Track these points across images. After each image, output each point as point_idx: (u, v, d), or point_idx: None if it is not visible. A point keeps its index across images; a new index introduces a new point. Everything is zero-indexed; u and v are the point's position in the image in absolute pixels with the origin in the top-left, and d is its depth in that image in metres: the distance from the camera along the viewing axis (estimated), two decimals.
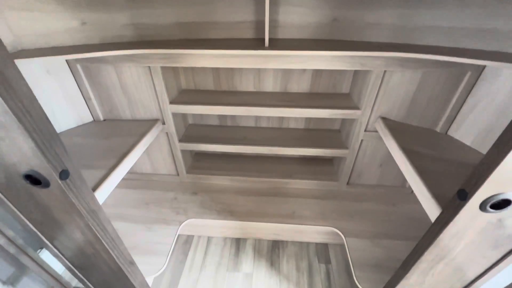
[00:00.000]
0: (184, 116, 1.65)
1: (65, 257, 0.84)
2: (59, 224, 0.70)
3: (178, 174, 1.72)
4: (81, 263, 0.86)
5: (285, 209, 1.54)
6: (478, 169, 0.50)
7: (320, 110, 1.34)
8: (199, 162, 1.81)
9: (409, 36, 1.14)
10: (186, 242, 1.56)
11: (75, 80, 1.32)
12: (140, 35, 1.26)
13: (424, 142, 1.17)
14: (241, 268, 1.41)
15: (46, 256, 1.07)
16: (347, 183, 1.65)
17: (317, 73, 1.44)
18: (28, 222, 0.71)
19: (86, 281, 0.95)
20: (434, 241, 0.62)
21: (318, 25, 1.22)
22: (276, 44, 1.17)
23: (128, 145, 1.22)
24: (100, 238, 0.74)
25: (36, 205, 0.65)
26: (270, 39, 1.15)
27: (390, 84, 1.22)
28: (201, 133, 1.65)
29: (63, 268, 1.37)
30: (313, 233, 1.52)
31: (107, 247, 0.77)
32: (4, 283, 1.15)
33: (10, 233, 0.84)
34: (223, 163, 1.80)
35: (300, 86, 1.50)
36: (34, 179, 0.58)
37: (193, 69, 1.48)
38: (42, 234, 0.75)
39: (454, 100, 1.18)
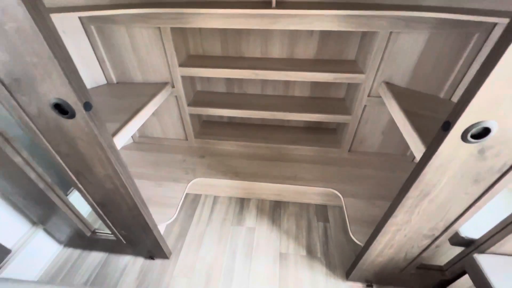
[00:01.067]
0: (192, 81, 1.70)
1: (88, 194, 0.95)
2: (83, 157, 0.79)
3: (186, 139, 1.81)
4: (102, 199, 0.97)
5: (287, 172, 1.61)
6: (460, 100, 0.55)
7: (325, 74, 1.36)
8: (207, 129, 1.89)
9: None
10: (194, 200, 1.67)
11: (90, 42, 1.38)
12: None
13: (426, 106, 1.20)
14: (244, 223, 1.52)
15: (73, 199, 1.20)
16: (349, 150, 1.70)
17: (323, 38, 1.44)
18: (55, 156, 0.80)
19: (106, 218, 1.07)
20: (419, 176, 0.68)
21: None
22: (284, 5, 1.18)
23: (140, 103, 1.30)
24: (119, 173, 0.83)
25: (63, 137, 0.74)
26: (277, 2, 1.17)
27: (396, 47, 1.23)
28: (208, 98, 1.70)
29: (87, 212, 1.51)
30: (313, 194, 1.60)
31: (125, 183, 0.87)
32: (34, 223, 1.29)
33: (39, 170, 0.95)
34: (230, 129, 1.87)
35: (307, 52, 1.51)
36: (61, 109, 0.66)
37: (201, 34, 1.51)
38: (68, 168, 0.84)
39: (459, 65, 1.19)
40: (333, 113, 1.54)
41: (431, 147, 0.63)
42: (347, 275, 1.24)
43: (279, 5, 1.17)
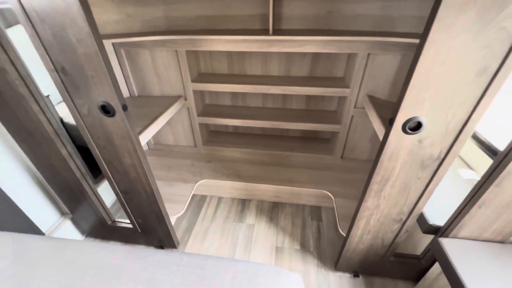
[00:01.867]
0: (202, 95, 1.96)
1: (115, 182, 1.16)
2: (116, 149, 1.01)
3: (195, 146, 2.03)
4: (126, 187, 1.17)
5: (285, 176, 1.79)
6: (397, 100, 0.74)
7: (316, 88, 1.58)
8: (214, 137, 2.11)
9: (389, 24, 1.36)
10: (200, 201, 1.86)
11: (118, 62, 1.66)
12: (170, 26, 1.58)
13: None
14: (245, 220, 1.68)
15: (100, 189, 1.41)
16: (341, 157, 1.87)
17: (315, 58, 1.68)
18: (94, 147, 1.03)
19: (126, 205, 1.26)
20: (377, 163, 0.86)
21: (316, 17, 1.47)
22: (279, 32, 1.43)
23: (157, 112, 1.54)
24: (142, 162, 1.04)
25: (103, 132, 0.97)
26: (274, 29, 1.43)
27: (374, 65, 1.45)
28: (216, 110, 1.94)
29: (110, 203, 1.71)
30: (308, 196, 1.76)
31: (146, 172, 1.08)
32: (62, 214, 1.50)
33: (78, 161, 1.17)
34: (234, 138, 2.09)
35: (301, 70, 1.75)
36: (106, 110, 0.89)
37: (210, 55, 1.78)
38: (103, 158, 1.06)
39: None
40: (325, 123, 1.74)
41: (384, 139, 0.82)
42: (336, 265, 1.36)
43: (275, 32, 1.42)
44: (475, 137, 1.27)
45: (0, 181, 1.12)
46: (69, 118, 1.20)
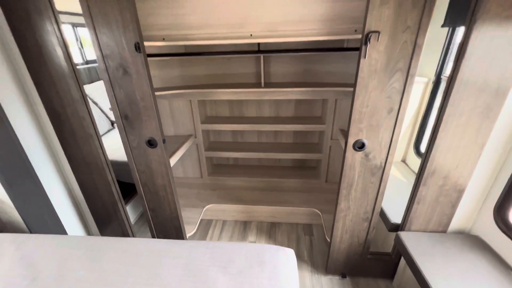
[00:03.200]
0: (208, 134, 2.37)
1: (146, 200, 1.46)
2: (152, 172, 1.36)
3: (201, 177, 2.36)
4: (154, 205, 1.47)
5: (280, 198, 2.11)
6: (347, 128, 1.15)
7: (300, 125, 2.02)
8: (217, 169, 2.46)
9: (348, 77, 1.87)
10: (207, 224, 2.12)
11: None
12: (185, 82, 2.06)
13: None
14: (247, 238, 1.94)
15: (128, 208, 1.68)
16: (326, 181, 2.23)
17: (298, 103, 2.16)
18: (136, 173, 1.37)
19: (151, 221, 1.54)
20: (343, 173, 1.23)
21: (295, 73, 1.99)
22: (269, 85, 1.92)
23: (174, 147, 1.92)
24: (171, 182, 1.38)
25: (145, 160, 1.32)
26: (265, 83, 1.92)
27: (341, 107, 1.92)
28: (219, 145, 2.33)
29: (135, 220, 1.94)
30: (301, 214, 2.06)
31: (173, 190, 1.41)
32: (89, 233, 1.74)
33: (117, 185, 1.49)
34: (235, 169, 2.44)
35: (288, 112, 2.22)
36: (151, 143, 1.27)
37: (215, 102, 2.24)
38: (140, 181, 1.40)
39: None
40: (310, 152, 2.15)
41: (343, 155, 1.21)
42: (326, 269, 1.61)
43: (266, 85, 1.91)
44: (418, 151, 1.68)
45: (52, 200, 1.40)
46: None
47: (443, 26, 1.48)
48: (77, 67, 1.34)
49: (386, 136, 1.12)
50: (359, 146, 1.15)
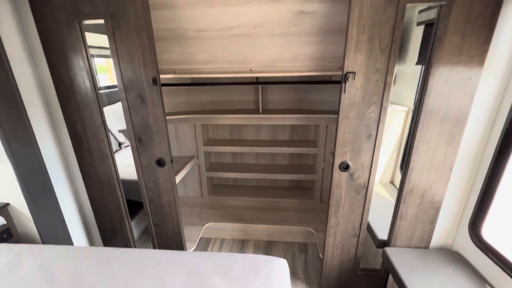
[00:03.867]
0: (209, 155, 2.52)
1: (151, 216, 1.58)
2: (159, 189, 1.49)
3: (202, 196, 2.48)
4: (158, 220, 1.59)
5: (276, 218, 2.22)
6: (333, 151, 1.31)
7: (295, 148, 2.19)
8: (217, 189, 2.58)
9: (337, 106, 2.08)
10: (206, 243, 2.19)
11: None
12: (190, 107, 2.26)
13: None
14: None
15: (133, 223, 1.78)
16: (320, 201, 2.35)
17: (293, 127, 2.35)
18: (144, 189, 1.50)
19: (155, 237, 1.64)
20: (331, 192, 1.37)
21: (290, 101, 2.20)
22: (266, 111, 2.12)
23: (178, 167, 2.06)
24: (175, 198, 1.51)
25: (153, 177, 1.47)
26: (263, 109, 2.12)
27: (332, 132, 2.11)
28: (220, 166, 2.48)
29: (138, 235, 2.02)
30: (296, 233, 2.15)
31: (177, 207, 1.53)
32: None
33: (124, 201, 1.62)
34: (233, 189, 2.56)
35: (284, 136, 2.40)
36: (160, 162, 1.42)
37: (217, 126, 2.43)
38: (147, 197, 1.52)
39: None
40: (304, 174, 2.29)
41: (331, 175, 1.36)
42: (320, 286, 1.68)
43: (264, 111, 2.11)
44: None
45: (64, 214, 1.52)
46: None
47: (417, 64, 1.72)
48: None
49: (367, 158, 1.28)
50: (344, 167, 1.31)
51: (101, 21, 1.20)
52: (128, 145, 2.57)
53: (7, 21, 1.22)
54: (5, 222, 1.30)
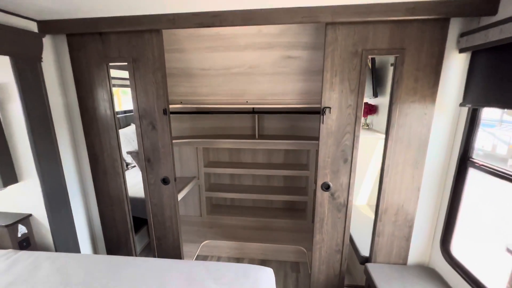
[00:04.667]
0: (209, 176, 2.71)
1: (154, 229, 1.74)
2: (163, 205, 1.67)
3: (201, 215, 2.62)
4: (161, 234, 1.74)
5: (270, 237, 2.34)
6: (315, 173, 1.51)
7: (288, 171, 2.38)
8: (215, 209, 2.73)
9: None
10: (203, 260, 2.30)
11: None
12: (193, 132, 2.50)
13: None
14: None
15: (136, 238, 1.93)
16: (312, 221, 2.48)
17: (287, 152, 2.57)
18: (149, 204, 1.68)
19: (156, 250, 1.78)
20: (315, 209, 1.54)
21: (283, 128, 2.44)
22: (262, 137, 2.35)
23: (180, 187, 2.25)
24: (177, 213, 1.68)
25: (158, 194, 1.65)
26: (259, 135, 2.35)
27: None
28: (219, 187, 2.66)
29: (140, 250, 2.14)
30: (288, 252, 2.26)
31: (178, 221, 1.70)
32: None
33: (130, 215, 1.79)
34: (231, 209, 2.71)
35: (278, 159, 2.60)
36: (164, 181, 1.62)
37: (217, 150, 2.65)
38: (152, 212, 1.70)
39: None
40: (297, 195, 2.46)
41: (314, 195, 1.53)
42: None
43: (260, 137, 2.34)
44: None
45: (76, 227, 1.68)
46: None
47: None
48: None
49: (345, 179, 1.47)
50: (326, 187, 1.50)
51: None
52: (134, 166, 2.78)
53: (49, 62, 1.50)
54: (26, 231, 1.47)
